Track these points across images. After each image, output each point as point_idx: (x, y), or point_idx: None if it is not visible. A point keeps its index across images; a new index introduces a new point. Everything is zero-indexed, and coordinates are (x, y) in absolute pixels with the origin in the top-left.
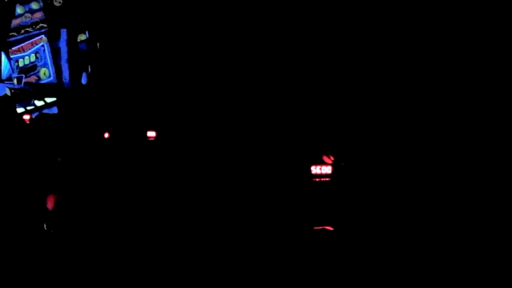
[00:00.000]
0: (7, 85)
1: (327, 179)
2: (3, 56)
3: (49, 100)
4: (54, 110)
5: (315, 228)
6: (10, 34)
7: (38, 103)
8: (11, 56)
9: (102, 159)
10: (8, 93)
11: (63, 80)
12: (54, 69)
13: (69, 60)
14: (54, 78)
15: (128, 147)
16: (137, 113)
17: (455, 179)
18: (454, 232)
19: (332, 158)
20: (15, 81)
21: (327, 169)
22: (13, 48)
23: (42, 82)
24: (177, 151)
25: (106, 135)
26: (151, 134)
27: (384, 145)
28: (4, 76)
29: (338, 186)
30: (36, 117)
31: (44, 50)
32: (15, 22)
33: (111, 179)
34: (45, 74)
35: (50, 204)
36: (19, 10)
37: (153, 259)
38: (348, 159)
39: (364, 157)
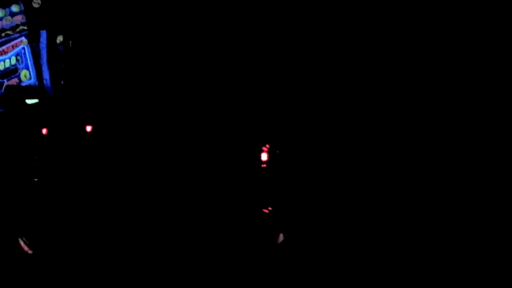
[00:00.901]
0: None
1: (264, 165)
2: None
3: (30, 102)
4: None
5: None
6: None
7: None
8: None
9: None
10: None
11: (44, 82)
12: (35, 71)
13: (48, 62)
14: (35, 80)
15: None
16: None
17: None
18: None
19: (268, 146)
20: None
21: (264, 156)
22: None
23: (23, 84)
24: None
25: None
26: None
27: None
28: None
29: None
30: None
31: (24, 52)
32: None
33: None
34: (26, 76)
35: None
36: None
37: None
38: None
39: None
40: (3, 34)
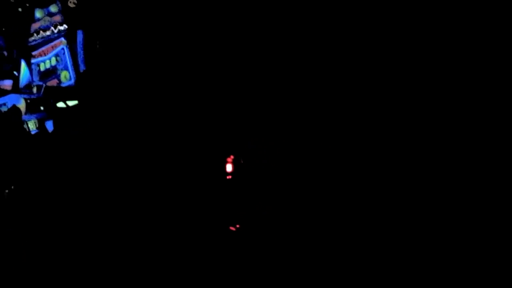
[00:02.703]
0: (23, 96)
1: (229, 177)
2: (23, 63)
3: (71, 103)
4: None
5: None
6: (30, 38)
7: (60, 106)
8: (32, 61)
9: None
10: (23, 104)
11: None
12: (74, 72)
13: (85, 61)
14: (74, 80)
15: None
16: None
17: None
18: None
19: (232, 157)
20: (34, 89)
21: (229, 167)
22: (34, 53)
23: (63, 85)
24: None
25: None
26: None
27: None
28: (22, 84)
29: (237, 184)
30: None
31: (64, 53)
32: (34, 26)
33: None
34: (66, 77)
35: None
36: (38, 14)
37: None
38: (249, 156)
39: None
40: (42, 35)
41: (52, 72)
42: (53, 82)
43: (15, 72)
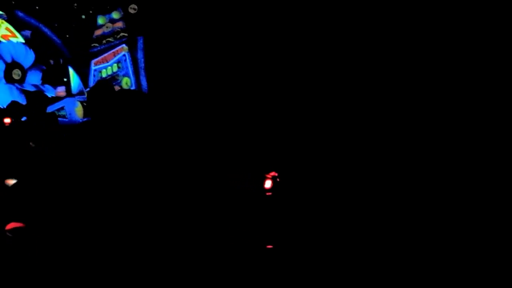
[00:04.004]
0: (78, 98)
1: (269, 193)
2: (71, 70)
3: None
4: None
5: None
6: (92, 45)
7: None
8: (94, 67)
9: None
10: (80, 107)
11: (142, 88)
12: (135, 78)
13: (145, 68)
14: (135, 87)
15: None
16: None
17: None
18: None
19: (273, 174)
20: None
21: (268, 184)
22: (95, 59)
23: None
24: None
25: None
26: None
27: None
28: (74, 91)
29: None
30: None
31: (125, 59)
32: (96, 33)
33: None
34: (127, 83)
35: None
36: (100, 20)
37: None
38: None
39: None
40: (104, 41)
41: (113, 79)
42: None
43: (64, 79)
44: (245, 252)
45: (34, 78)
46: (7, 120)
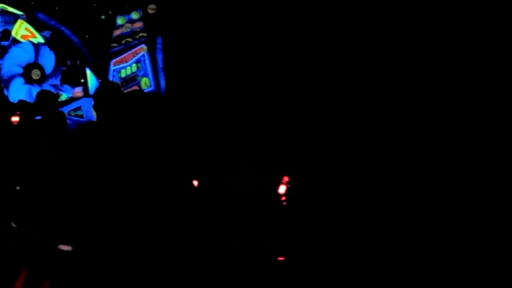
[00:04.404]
0: None
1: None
2: (88, 71)
3: None
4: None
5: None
6: (111, 45)
7: None
8: (113, 68)
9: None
10: None
11: (160, 88)
12: (154, 79)
13: (164, 68)
14: (154, 87)
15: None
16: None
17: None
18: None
19: (286, 179)
20: None
21: (282, 189)
22: (115, 59)
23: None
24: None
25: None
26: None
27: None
28: (92, 91)
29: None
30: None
31: (144, 59)
32: (115, 33)
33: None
34: (146, 84)
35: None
36: (119, 20)
37: None
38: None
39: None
40: (123, 42)
41: (132, 79)
42: (133, 89)
43: (82, 80)
44: (255, 263)
45: (53, 79)
46: (15, 119)
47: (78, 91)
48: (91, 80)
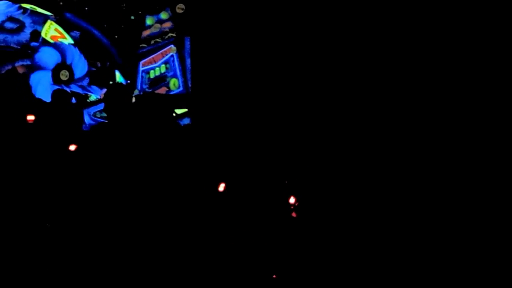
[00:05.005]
0: None
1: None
2: (118, 73)
3: (179, 112)
4: (186, 121)
5: None
6: (140, 45)
7: None
8: (141, 68)
9: None
10: None
11: (189, 89)
12: (183, 79)
13: (192, 69)
14: (183, 88)
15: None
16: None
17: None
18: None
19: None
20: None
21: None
22: (144, 60)
23: (172, 93)
24: None
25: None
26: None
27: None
28: None
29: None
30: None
31: (173, 60)
32: (144, 33)
33: None
34: (175, 85)
35: None
36: (148, 21)
37: None
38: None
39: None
40: (152, 42)
41: (161, 80)
42: (161, 90)
43: (110, 82)
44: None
45: (81, 80)
46: (30, 118)
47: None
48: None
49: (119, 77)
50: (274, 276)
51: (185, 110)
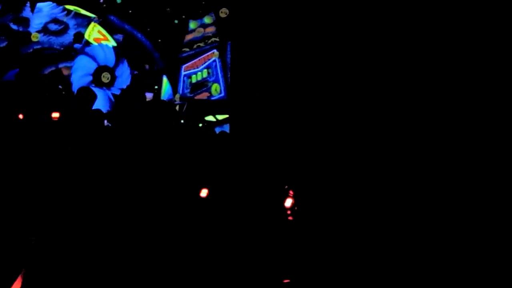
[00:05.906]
0: None
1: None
2: (165, 79)
3: (220, 117)
4: (226, 128)
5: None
6: (183, 49)
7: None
8: (184, 73)
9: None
10: None
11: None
12: (225, 85)
13: (233, 73)
14: (225, 94)
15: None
16: None
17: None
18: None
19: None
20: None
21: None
22: (186, 65)
23: (213, 98)
24: None
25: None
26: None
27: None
28: (165, 98)
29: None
30: None
31: (215, 65)
32: (187, 38)
33: None
34: (217, 90)
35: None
36: (192, 25)
37: None
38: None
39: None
40: (194, 46)
41: (202, 85)
42: (203, 95)
43: (156, 87)
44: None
45: (123, 83)
46: (55, 115)
47: (148, 96)
48: (166, 88)
49: (166, 84)
50: (274, 277)
51: (226, 116)
